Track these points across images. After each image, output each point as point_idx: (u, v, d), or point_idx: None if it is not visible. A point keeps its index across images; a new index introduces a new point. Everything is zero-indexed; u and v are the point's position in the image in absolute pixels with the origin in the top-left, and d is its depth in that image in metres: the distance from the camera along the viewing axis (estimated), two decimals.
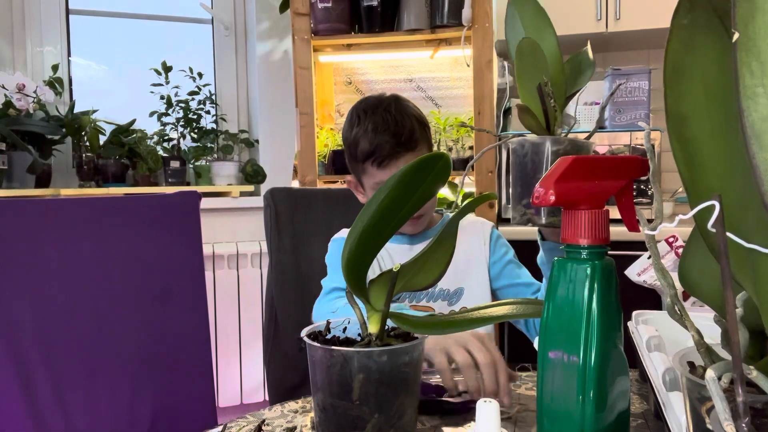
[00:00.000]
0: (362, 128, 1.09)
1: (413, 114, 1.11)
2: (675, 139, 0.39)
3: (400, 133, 1.06)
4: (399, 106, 1.11)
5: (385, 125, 1.07)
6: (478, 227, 1.22)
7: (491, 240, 1.21)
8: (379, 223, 0.58)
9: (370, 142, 1.07)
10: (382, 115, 1.09)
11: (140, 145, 2.39)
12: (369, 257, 0.60)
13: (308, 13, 2.13)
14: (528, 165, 0.82)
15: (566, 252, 0.47)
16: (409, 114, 1.11)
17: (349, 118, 1.13)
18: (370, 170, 1.10)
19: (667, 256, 0.86)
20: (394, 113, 1.09)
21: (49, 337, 1.08)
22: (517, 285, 1.17)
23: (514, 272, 1.19)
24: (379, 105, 1.11)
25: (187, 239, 1.22)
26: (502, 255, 1.20)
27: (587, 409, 0.45)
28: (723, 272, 0.32)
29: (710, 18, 0.37)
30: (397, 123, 1.07)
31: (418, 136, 1.09)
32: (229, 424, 0.71)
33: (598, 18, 2.18)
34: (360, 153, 1.09)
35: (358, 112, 1.12)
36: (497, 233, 1.24)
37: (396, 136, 1.06)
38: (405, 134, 1.07)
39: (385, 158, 1.07)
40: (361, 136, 1.09)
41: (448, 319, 0.63)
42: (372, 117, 1.09)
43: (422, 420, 0.73)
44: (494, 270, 1.18)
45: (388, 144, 1.06)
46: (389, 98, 1.14)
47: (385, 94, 1.15)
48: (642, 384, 0.81)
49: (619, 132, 2.08)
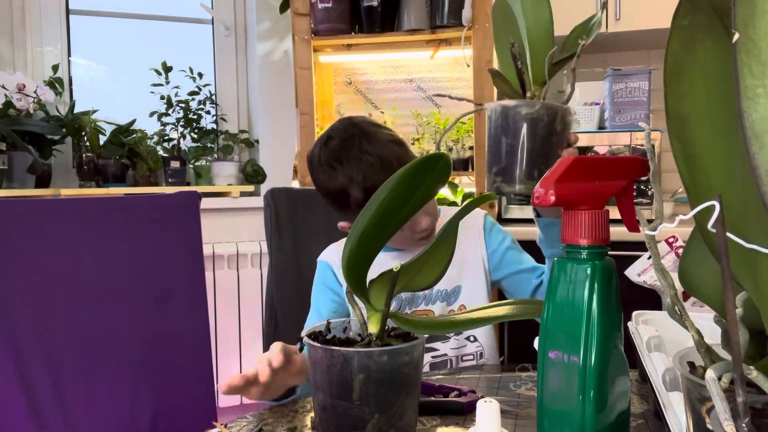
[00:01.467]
0: (346, 177, 1.00)
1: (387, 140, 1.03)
2: (675, 139, 0.39)
3: (389, 167, 0.98)
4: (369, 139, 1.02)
5: (370, 168, 0.99)
6: (470, 220, 1.15)
7: (485, 230, 1.16)
8: (379, 223, 0.58)
9: (364, 189, 0.99)
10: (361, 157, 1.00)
11: (140, 145, 2.39)
12: (369, 257, 0.60)
13: (308, 13, 2.13)
14: (498, 130, 0.78)
15: (566, 252, 0.47)
16: (384, 142, 1.02)
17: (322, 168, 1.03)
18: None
19: (667, 256, 0.86)
20: (370, 150, 1.00)
21: (49, 337, 1.08)
22: (520, 272, 1.12)
23: (515, 258, 1.14)
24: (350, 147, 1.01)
25: (187, 239, 1.22)
26: (499, 243, 1.15)
27: (587, 409, 0.45)
28: (723, 272, 0.32)
29: (710, 19, 0.37)
30: (381, 159, 0.99)
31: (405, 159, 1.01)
32: (229, 424, 0.72)
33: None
34: (354, 202, 1.01)
35: (330, 162, 1.02)
36: (491, 221, 1.18)
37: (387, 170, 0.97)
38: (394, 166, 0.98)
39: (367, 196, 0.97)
40: (349, 185, 1.00)
41: (449, 319, 0.63)
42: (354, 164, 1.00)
43: (422, 420, 0.73)
44: (493, 260, 1.14)
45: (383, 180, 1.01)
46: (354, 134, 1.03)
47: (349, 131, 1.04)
48: (642, 384, 0.81)
49: (619, 132, 2.08)
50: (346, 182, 1.00)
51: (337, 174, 1.01)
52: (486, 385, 0.85)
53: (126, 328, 1.14)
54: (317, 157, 1.05)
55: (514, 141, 0.76)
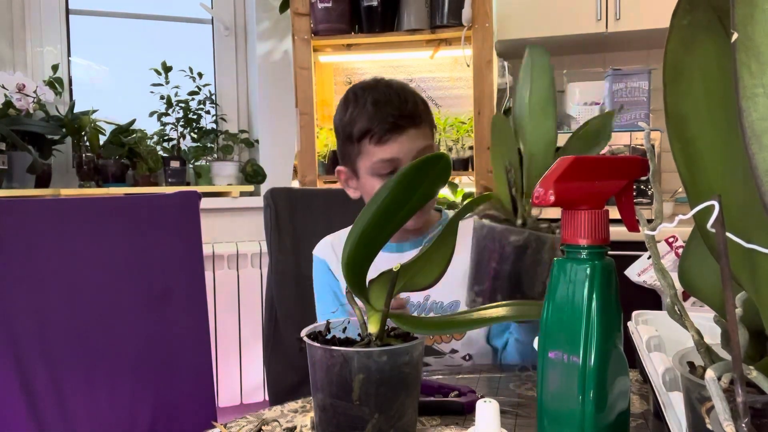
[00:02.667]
0: (359, 105, 1.02)
1: (415, 92, 1.06)
2: (675, 139, 0.39)
3: (404, 106, 1.00)
4: (400, 83, 1.06)
5: (386, 98, 1.00)
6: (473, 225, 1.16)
7: None
8: (379, 223, 0.58)
9: (369, 117, 1.00)
10: (383, 90, 1.02)
11: (140, 145, 2.39)
12: (369, 257, 0.60)
13: (308, 13, 2.13)
14: (484, 251, 0.77)
15: (566, 252, 0.47)
16: (411, 91, 1.05)
17: (343, 101, 1.06)
18: (367, 149, 1.01)
19: (667, 256, 0.86)
20: (395, 88, 1.03)
21: (49, 337, 1.08)
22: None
23: None
24: (378, 83, 1.05)
25: (187, 239, 1.22)
26: None
27: (587, 409, 0.45)
28: (723, 272, 0.32)
29: (710, 18, 0.37)
30: (399, 96, 1.01)
31: (422, 112, 1.03)
32: (229, 424, 0.71)
33: (598, 18, 2.18)
34: (357, 132, 1.01)
35: (354, 92, 1.05)
36: None
37: (398, 108, 0.99)
38: (408, 107, 1.00)
39: (386, 132, 0.99)
40: (358, 114, 1.01)
41: (449, 319, 0.63)
42: (371, 93, 1.02)
43: (422, 420, 0.73)
44: None
45: (391, 117, 0.99)
46: (389, 79, 1.07)
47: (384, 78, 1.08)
48: (642, 384, 0.81)
49: (619, 132, 2.08)
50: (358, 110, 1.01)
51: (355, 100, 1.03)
52: (486, 385, 0.85)
53: (126, 328, 1.14)
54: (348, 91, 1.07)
55: (498, 266, 0.75)
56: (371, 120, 0.99)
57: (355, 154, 1.04)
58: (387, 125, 0.99)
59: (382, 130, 0.99)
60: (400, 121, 0.99)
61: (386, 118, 0.99)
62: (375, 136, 1.00)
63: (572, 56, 2.55)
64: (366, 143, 1.01)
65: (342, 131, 1.05)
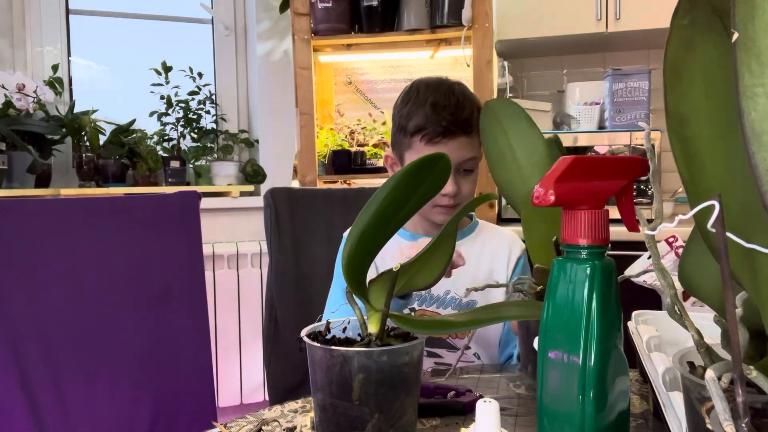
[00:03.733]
0: (419, 102, 1.06)
1: (474, 100, 1.09)
2: (675, 139, 0.39)
3: (460, 113, 1.03)
4: (462, 88, 1.09)
5: (445, 101, 1.04)
6: (506, 244, 1.15)
7: (516, 265, 1.14)
8: (379, 223, 0.58)
9: (426, 116, 1.04)
10: (445, 93, 1.06)
11: (140, 145, 2.39)
12: (369, 257, 0.60)
13: (308, 13, 2.13)
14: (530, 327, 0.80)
15: (566, 252, 0.47)
16: (470, 98, 1.08)
17: (406, 91, 1.10)
18: (417, 146, 1.06)
19: (667, 256, 0.86)
20: (457, 94, 1.06)
21: (49, 337, 1.08)
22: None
23: None
24: (442, 84, 1.08)
25: (187, 239, 1.22)
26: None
27: (587, 409, 0.45)
28: (723, 272, 0.32)
29: (710, 18, 0.37)
30: (458, 103, 1.04)
31: (475, 122, 1.05)
32: (229, 424, 0.71)
33: (598, 18, 2.18)
34: (412, 126, 1.05)
35: (418, 87, 1.09)
36: (524, 261, 1.16)
37: (454, 115, 1.03)
38: (464, 115, 1.04)
39: (438, 135, 1.03)
40: (417, 109, 1.05)
41: (449, 319, 0.63)
42: (433, 93, 1.06)
43: (422, 420, 0.73)
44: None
45: (445, 121, 1.03)
46: (453, 81, 1.11)
47: (449, 79, 1.12)
48: (642, 384, 0.81)
49: (619, 132, 2.08)
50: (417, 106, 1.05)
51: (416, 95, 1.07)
52: (486, 385, 0.85)
53: (126, 328, 1.14)
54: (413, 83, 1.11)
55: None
56: (427, 119, 1.03)
57: (406, 146, 1.08)
58: (440, 128, 1.03)
59: (434, 131, 1.03)
60: (453, 127, 1.03)
61: (440, 121, 1.03)
62: (427, 135, 1.04)
63: (572, 56, 2.55)
64: (417, 140, 1.05)
65: (398, 121, 1.10)
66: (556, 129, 2.30)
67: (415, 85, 1.10)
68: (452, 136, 1.03)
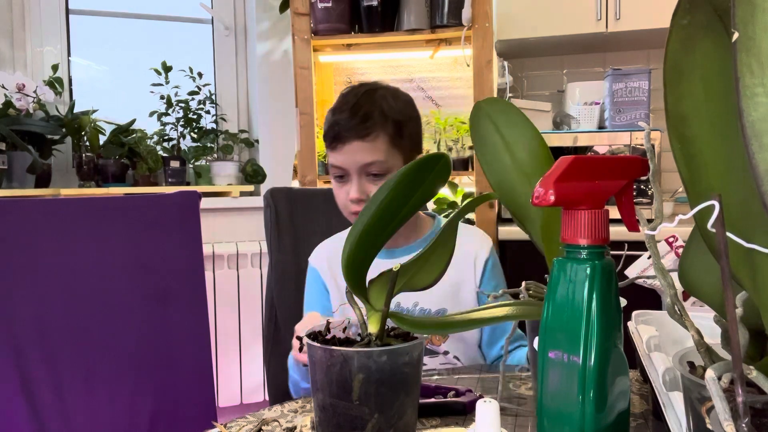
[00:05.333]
0: (331, 108, 1.06)
1: (382, 104, 1.03)
2: (675, 139, 0.39)
3: (351, 118, 1.01)
4: (371, 92, 1.05)
5: (344, 105, 1.03)
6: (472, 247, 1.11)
7: (485, 269, 1.10)
8: (379, 223, 0.58)
9: (327, 122, 1.05)
10: (348, 97, 1.05)
11: (140, 145, 2.39)
12: (369, 257, 0.60)
13: (308, 13, 2.13)
14: None
15: (566, 252, 0.47)
16: (377, 102, 1.03)
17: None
18: (327, 151, 1.07)
19: (667, 256, 0.86)
20: (360, 96, 1.04)
21: (49, 337, 1.08)
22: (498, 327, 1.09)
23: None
24: (354, 89, 1.07)
25: (187, 239, 1.22)
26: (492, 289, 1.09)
27: (587, 409, 0.45)
28: (723, 272, 0.32)
29: (710, 18, 0.37)
30: (354, 105, 1.02)
31: (374, 126, 1.01)
32: (229, 424, 0.71)
33: (598, 18, 2.18)
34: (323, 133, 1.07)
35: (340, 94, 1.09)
36: (493, 261, 1.12)
37: (347, 120, 1.01)
38: (357, 119, 1.01)
39: (334, 140, 1.03)
40: (327, 114, 1.06)
41: (449, 319, 0.63)
42: (340, 98, 1.06)
43: (422, 420, 0.73)
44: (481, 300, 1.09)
45: (337, 126, 1.02)
46: (372, 84, 1.08)
47: (379, 83, 1.09)
48: (642, 384, 0.81)
49: (619, 132, 2.08)
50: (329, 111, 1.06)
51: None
52: (486, 385, 0.85)
53: (126, 327, 1.14)
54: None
55: None
56: (328, 125, 1.05)
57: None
58: (332, 133, 1.03)
59: (329, 136, 1.04)
60: (344, 132, 1.02)
61: (334, 126, 1.03)
62: (327, 140, 1.05)
63: (572, 56, 2.55)
64: (326, 146, 1.06)
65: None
66: (556, 129, 2.30)
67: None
68: (344, 141, 1.02)
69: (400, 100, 1.08)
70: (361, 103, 1.02)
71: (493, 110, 0.77)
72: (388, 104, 1.04)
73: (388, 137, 1.03)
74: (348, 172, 1.04)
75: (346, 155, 1.03)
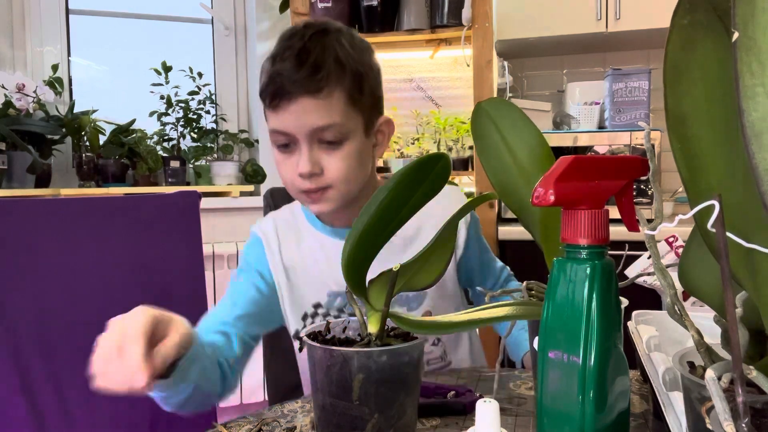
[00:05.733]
0: (267, 61, 0.83)
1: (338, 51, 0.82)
2: (675, 138, 0.39)
3: (299, 67, 0.79)
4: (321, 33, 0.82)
5: (287, 51, 0.80)
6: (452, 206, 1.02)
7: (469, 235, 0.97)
8: (379, 223, 0.58)
9: (266, 74, 0.82)
10: (292, 40, 0.81)
11: (140, 145, 2.39)
12: (369, 257, 0.60)
13: (308, 13, 2.13)
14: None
15: (566, 252, 0.47)
16: (330, 48, 0.81)
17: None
18: (266, 113, 0.85)
19: (667, 256, 0.86)
20: (307, 39, 0.81)
21: (49, 337, 1.08)
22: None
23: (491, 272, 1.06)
24: (298, 30, 0.83)
25: (187, 239, 1.22)
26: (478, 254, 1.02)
27: (587, 409, 0.45)
28: (723, 272, 0.32)
29: (710, 17, 0.37)
30: (301, 51, 0.79)
31: (328, 79, 0.80)
32: (229, 424, 0.71)
33: (598, 18, 2.18)
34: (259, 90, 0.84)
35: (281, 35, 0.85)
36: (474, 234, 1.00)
37: (293, 69, 0.79)
38: (305, 69, 0.79)
39: (275, 96, 0.80)
40: (264, 64, 0.83)
41: (449, 320, 0.63)
42: (281, 42, 0.82)
43: (422, 420, 0.73)
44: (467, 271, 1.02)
45: (280, 78, 0.79)
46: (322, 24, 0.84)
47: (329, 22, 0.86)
48: (642, 384, 0.81)
49: (619, 132, 2.08)
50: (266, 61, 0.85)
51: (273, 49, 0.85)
52: (486, 385, 0.85)
53: None
54: None
55: None
56: (266, 78, 0.82)
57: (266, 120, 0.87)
58: (273, 88, 0.80)
59: (268, 93, 0.81)
60: (289, 87, 0.79)
61: (274, 78, 0.80)
62: (265, 98, 0.83)
63: (572, 56, 2.55)
64: (265, 108, 0.84)
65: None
66: (556, 129, 2.30)
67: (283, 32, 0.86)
68: (290, 98, 0.79)
69: (357, 46, 0.86)
70: (310, 48, 0.80)
71: (494, 110, 0.77)
72: (345, 51, 0.83)
73: (346, 93, 0.82)
74: (295, 139, 0.83)
75: (292, 116, 0.81)
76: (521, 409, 0.75)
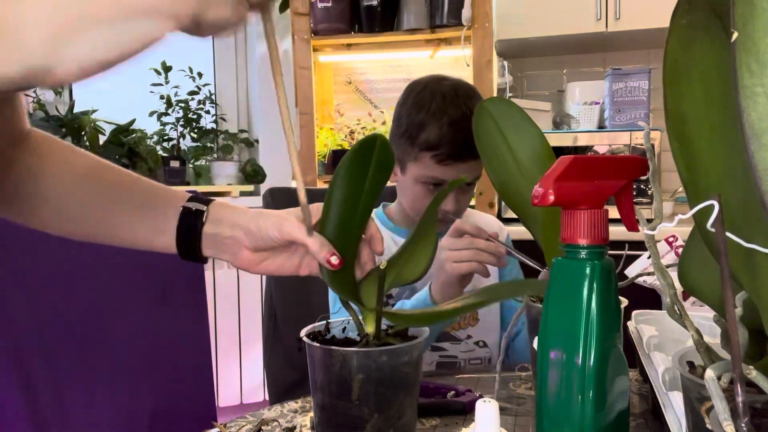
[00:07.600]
0: (435, 115, 0.98)
1: None
2: (675, 138, 0.39)
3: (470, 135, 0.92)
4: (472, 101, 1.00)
5: (463, 123, 0.95)
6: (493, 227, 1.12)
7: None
8: (344, 222, 0.60)
9: (441, 135, 0.97)
10: (462, 108, 0.98)
11: (140, 144, 2.39)
12: (350, 259, 0.61)
13: (308, 13, 2.13)
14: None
15: (566, 252, 0.47)
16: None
17: (417, 99, 1.01)
18: (425, 160, 0.99)
19: (667, 256, 0.86)
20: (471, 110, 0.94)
21: (48, 337, 1.08)
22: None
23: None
24: (458, 96, 1.00)
25: None
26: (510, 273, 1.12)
27: (587, 409, 0.45)
28: (723, 272, 0.32)
29: (709, 18, 0.37)
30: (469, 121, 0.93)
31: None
32: (229, 424, 0.71)
33: (598, 18, 2.18)
34: (423, 139, 0.98)
35: (433, 94, 1.00)
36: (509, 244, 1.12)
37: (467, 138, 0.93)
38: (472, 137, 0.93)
39: (451, 158, 0.97)
40: (431, 123, 0.98)
41: (436, 310, 0.63)
42: (450, 108, 0.98)
43: (422, 420, 0.73)
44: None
45: (459, 145, 0.97)
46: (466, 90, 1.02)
47: (461, 82, 1.04)
48: (642, 384, 0.81)
49: (619, 132, 2.08)
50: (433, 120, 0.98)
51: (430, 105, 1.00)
52: (485, 385, 0.85)
53: (126, 328, 1.14)
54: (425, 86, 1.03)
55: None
56: (441, 139, 0.97)
57: (411, 156, 1.01)
58: (454, 151, 0.97)
59: (446, 153, 0.97)
60: (466, 152, 0.97)
61: (454, 144, 0.97)
62: (438, 156, 0.98)
63: (572, 56, 2.55)
64: (427, 156, 0.99)
65: (405, 126, 1.02)
66: (556, 129, 2.30)
67: (429, 89, 1.02)
68: (464, 160, 0.98)
69: None
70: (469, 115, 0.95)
71: (496, 110, 0.77)
72: None
73: None
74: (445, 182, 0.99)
75: (459, 172, 0.98)
76: (521, 409, 0.75)
